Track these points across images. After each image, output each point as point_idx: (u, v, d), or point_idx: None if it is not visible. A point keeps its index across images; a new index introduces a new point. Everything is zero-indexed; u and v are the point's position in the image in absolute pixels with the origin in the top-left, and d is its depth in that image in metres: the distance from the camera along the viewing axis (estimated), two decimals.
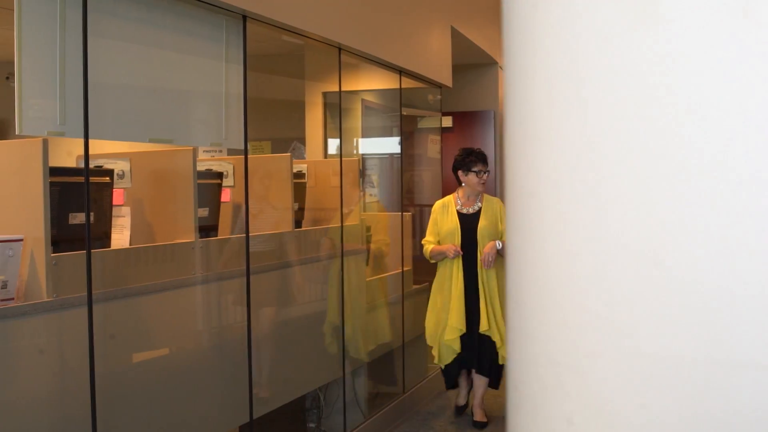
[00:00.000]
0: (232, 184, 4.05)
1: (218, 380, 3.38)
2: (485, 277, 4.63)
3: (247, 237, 3.43)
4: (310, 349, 4.21)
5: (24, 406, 2.52)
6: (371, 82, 5.49)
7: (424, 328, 4.96)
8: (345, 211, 4.45)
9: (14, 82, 7.66)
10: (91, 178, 3.01)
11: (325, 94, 6.00)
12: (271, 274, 3.83)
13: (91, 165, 3.25)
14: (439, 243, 4.77)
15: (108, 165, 3.42)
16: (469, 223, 4.71)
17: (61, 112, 2.61)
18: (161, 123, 3.07)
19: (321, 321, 4.33)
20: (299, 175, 4.65)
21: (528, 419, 0.71)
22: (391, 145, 6.22)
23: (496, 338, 4.59)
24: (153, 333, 3.08)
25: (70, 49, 2.61)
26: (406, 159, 6.52)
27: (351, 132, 6.14)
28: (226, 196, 4.02)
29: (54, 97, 2.59)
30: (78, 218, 2.98)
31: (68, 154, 3.78)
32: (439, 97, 6.24)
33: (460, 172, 4.79)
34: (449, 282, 4.68)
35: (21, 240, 2.62)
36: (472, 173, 4.73)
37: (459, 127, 7.53)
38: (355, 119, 5.73)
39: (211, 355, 3.40)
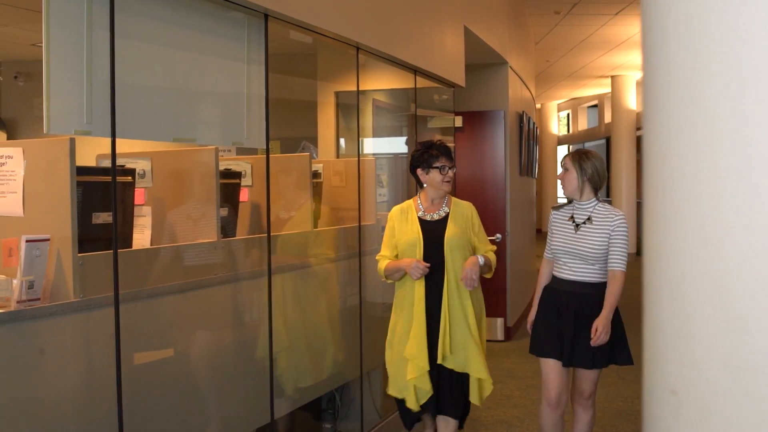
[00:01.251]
0: (250, 183, 4.03)
1: (240, 381, 3.36)
2: (451, 300, 3.64)
3: (269, 237, 3.41)
4: (331, 347, 4.20)
5: (51, 406, 2.50)
6: (385, 82, 5.47)
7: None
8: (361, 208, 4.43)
9: (22, 82, 7.55)
10: (101, 178, 2.99)
11: (337, 94, 5.99)
12: (293, 274, 3.82)
13: (107, 165, 3.24)
14: (397, 257, 3.77)
15: (129, 164, 3.40)
16: (433, 232, 3.72)
17: (88, 111, 2.59)
18: (185, 122, 3.06)
19: (342, 319, 4.32)
20: (315, 174, 4.63)
21: (695, 421, 0.69)
22: (402, 144, 6.21)
23: (470, 369, 3.64)
24: (177, 333, 3.07)
25: (96, 49, 2.59)
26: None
27: (363, 132, 6.12)
28: (244, 195, 4.00)
29: (81, 96, 2.57)
30: (101, 218, 2.96)
31: (84, 153, 3.76)
32: (445, 96, 6.22)
33: (419, 171, 3.79)
34: (410, 307, 3.66)
35: (48, 240, 2.60)
36: (435, 170, 3.74)
37: (469, 126, 7.52)
38: (367, 119, 5.72)
39: (233, 356, 3.38)
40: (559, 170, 3.82)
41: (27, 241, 2.53)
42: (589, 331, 3.56)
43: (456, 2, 5.84)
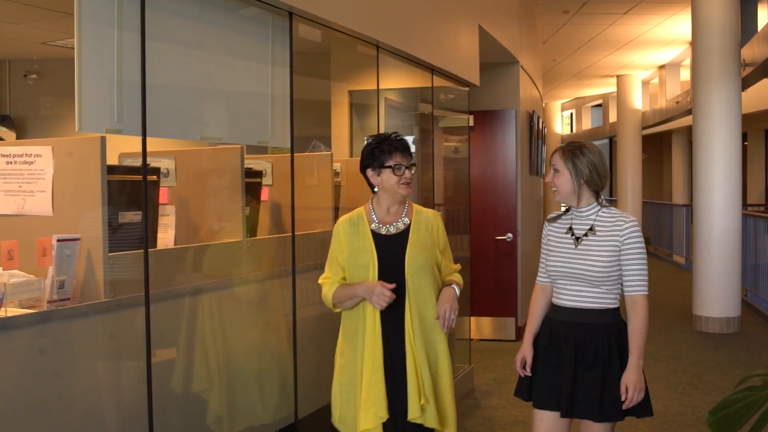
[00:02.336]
0: (270, 182, 4.01)
1: (266, 380, 3.34)
2: (417, 336, 2.90)
3: (293, 236, 3.39)
4: None
5: (83, 405, 2.48)
6: (403, 81, 5.45)
7: (454, 328, 4.82)
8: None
9: (31, 80, 7.52)
10: (138, 177, 2.98)
11: (351, 93, 5.97)
12: (316, 273, 3.79)
13: (137, 163, 3.22)
14: (344, 281, 2.96)
15: (153, 163, 3.38)
16: (390, 249, 2.94)
17: (119, 110, 2.57)
18: (212, 121, 3.04)
19: None
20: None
21: None
22: (417, 145, 6.19)
23: (445, 424, 2.96)
24: (205, 333, 3.05)
25: (127, 49, 2.58)
26: (428, 158, 6.48)
27: (372, 131, 6.10)
28: (264, 194, 3.98)
29: (111, 95, 2.56)
30: (127, 217, 2.95)
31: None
32: (451, 96, 6.20)
33: (369, 172, 2.99)
34: (361, 342, 2.92)
35: (78, 239, 2.59)
36: (387, 170, 2.94)
37: (480, 126, 7.50)
38: (384, 118, 5.70)
39: (259, 355, 3.36)
40: (549, 172, 2.98)
41: (58, 240, 2.52)
42: (595, 372, 2.80)
43: (471, 1, 5.82)
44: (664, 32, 11.34)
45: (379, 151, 2.96)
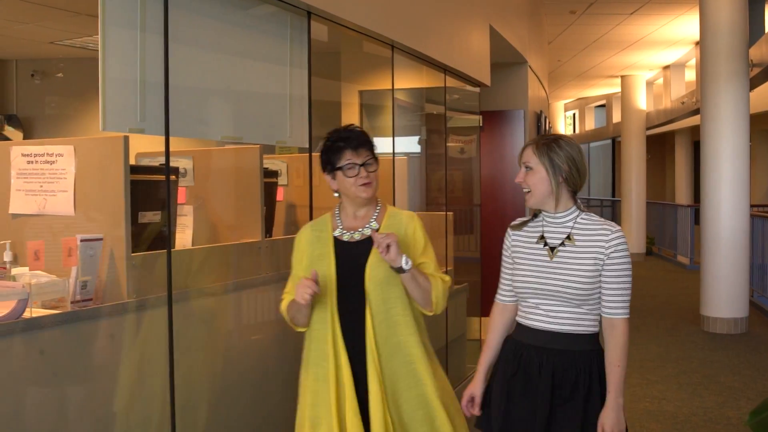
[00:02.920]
0: (285, 182, 4.00)
1: (286, 382, 3.33)
2: (384, 359, 2.46)
3: None
4: None
5: (106, 406, 2.47)
6: (414, 81, 5.45)
7: (465, 328, 4.85)
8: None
9: (38, 80, 7.50)
10: (158, 177, 2.97)
11: (361, 93, 5.96)
12: None
13: (155, 163, 3.21)
14: None
15: (171, 163, 3.36)
16: (352, 259, 2.52)
17: (141, 110, 2.57)
18: (232, 121, 3.04)
19: None
20: None
21: None
22: (423, 144, 6.19)
23: None
24: (225, 332, 3.04)
25: (150, 49, 2.57)
26: (440, 158, 6.48)
27: (384, 130, 6.09)
28: (279, 194, 3.97)
29: (134, 95, 2.55)
30: (147, 217, 2.94)
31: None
32: (456, 96, 6.19)
33: (326, 176, 2.61)
34: (324, 370, 2.47)
35: (101, 239, 2.57)
36: (339, 172, 2.53)
37: (489, 126, 7.49)
38: (396, 118, 5.70)
39: (277, 357, 3.35)
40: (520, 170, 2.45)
41: (81, 240, 2.51)
42: (573, 408, 2.32)
43: (482, 1, 5.82)
44: (670, 33, 11.33)
45: (329, 152, 2.57)
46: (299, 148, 6.65)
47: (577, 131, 23.35)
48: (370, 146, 2.58)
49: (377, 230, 2.54)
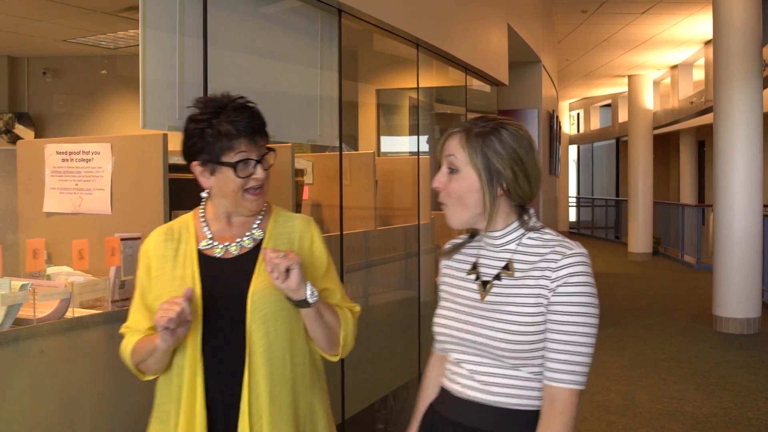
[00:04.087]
0: (311, 181, 3.99)
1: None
2: (267, 421, 1.74)
3: (342, 236, 3.37)
4: (396, 347, 4.16)
5: (147, 406, 2.45)
6: (434, 80, 5.43)
7: None
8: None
9: (49, 78, 7.50)
10: (188, 175, 2.95)
11: (378, 92, 5.94)
12: (361, 273, 3.77)
13: (176, 161, 3.20)
14: (154, 331, 1.77)
15: None
16: (226, 281, 1.81)
17: (180, 108, 2.56)
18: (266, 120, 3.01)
19: (400, 320, 4.27)
20: None
21: None
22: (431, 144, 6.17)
23: None
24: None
25: (188, 48, 2.57)
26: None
27: (401, 129, 6.08)
28: (305, 193, 3.96)
29: (173, 93, 2.54)
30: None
31: None
32: (465, 96, 6.17)
33: (196, 167, 1.84)
34: (174, 424, 1.81)
35: (139, 238, 2.56)
36: (227, 169, 1.80)
37: None
38: (414, 117, 5.68)
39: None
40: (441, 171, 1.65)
41: (122, 239, 2.49)
42: None
43: (500, 0, 5.80)
44: (680, 32, 11.32)
45: (212, 135, 1.77)
46: (311, 148, 6.65)
47: (582, 130, 23.34)
48: (266, 131, 1.88)
49: (261, 240, 1.83)
